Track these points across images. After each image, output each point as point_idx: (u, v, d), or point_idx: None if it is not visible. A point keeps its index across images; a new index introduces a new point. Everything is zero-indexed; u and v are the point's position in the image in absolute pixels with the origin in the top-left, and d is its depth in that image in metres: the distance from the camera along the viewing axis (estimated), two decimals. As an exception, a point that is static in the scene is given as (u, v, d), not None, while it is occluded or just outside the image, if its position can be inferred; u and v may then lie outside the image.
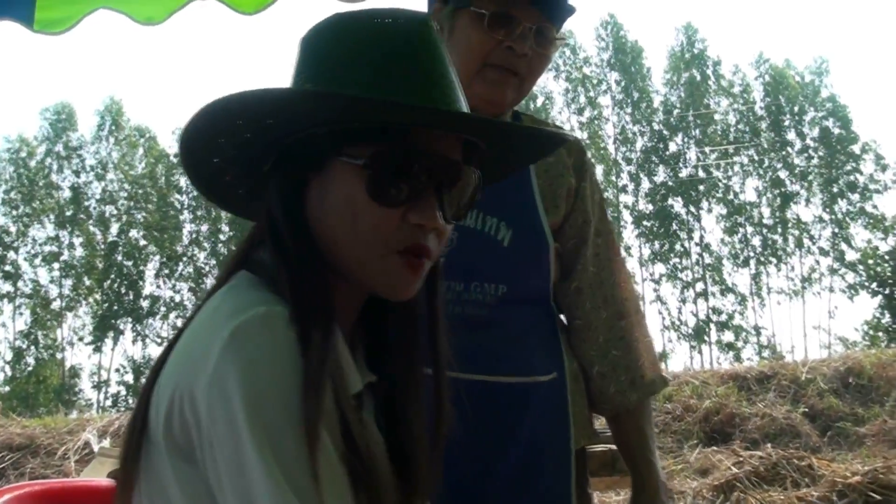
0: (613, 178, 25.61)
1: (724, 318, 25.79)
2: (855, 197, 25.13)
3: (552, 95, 25.63)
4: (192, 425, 0.80)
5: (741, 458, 4.88)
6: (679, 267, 26.04)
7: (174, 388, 0.83)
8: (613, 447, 1.99)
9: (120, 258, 25.49)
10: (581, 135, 25.17)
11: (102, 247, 25.73)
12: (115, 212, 26.00)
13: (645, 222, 25.81)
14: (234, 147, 0.92)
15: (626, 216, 25.72)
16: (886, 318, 19.77)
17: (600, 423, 1.88)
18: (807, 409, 7.12)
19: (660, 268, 25.63)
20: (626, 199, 25.77)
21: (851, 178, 25.23)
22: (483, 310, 1.62)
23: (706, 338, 25.49)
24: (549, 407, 1.72)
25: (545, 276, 1.73)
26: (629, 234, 25.65)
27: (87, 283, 25.53)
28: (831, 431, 6.79)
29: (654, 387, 1.83)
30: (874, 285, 20.44)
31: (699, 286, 25.86)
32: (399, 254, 0.90)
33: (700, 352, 25.30)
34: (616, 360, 1.79)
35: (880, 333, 19.92)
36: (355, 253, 0.90)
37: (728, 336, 25.52)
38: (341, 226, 0.89)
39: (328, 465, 0.80)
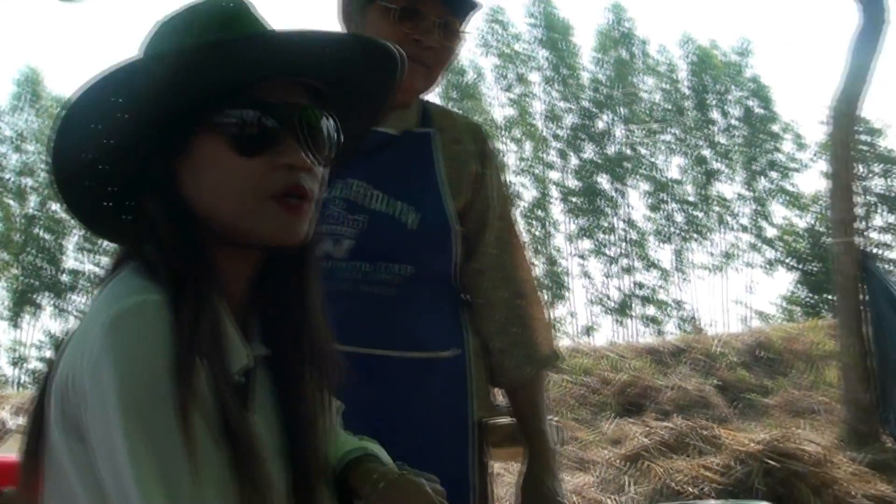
0: (542, 154, 25.83)
1: (647, 292, 26.26)
2: (775, 175, 25.76)
3: (482, 71, 25.68)
4: (80, 408, 0.86)
5: (651, 429, 5.08)
6: (605, 243, 26.40)
7: (66, 371, 0.89)
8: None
9: (39, 231, 24.86)
10: (510, 111, 25.26)
11: (20, 220, 25.07)
12: (33, 184, 25.32)
13: (572, 198, 26.09)
14: (101, 160, 0.98)
15: (554, 192, 25.98)
16: (802, 293, 20.45)
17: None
18: (718, 382, 7.40)
19: (586, 243, 25.96)
20: (554, 175, 26.01)
21: (772, 156, 25.85)
22: (390, 289, 1.71)
23: (630, 312, 25.94)
24: (450, 381, 1.82)
25: (449, 257, 1.83)
26: (557, 211, 25.92)
27: (5, 257, 24.88)
28: (740, 403, 7.07)
29: (548, 361, 1.96)
30: (791, 261, 21.12)
31: (624, 262, 26.28)
32: (276, 199, 0.97)
33: (624, 325, 25.76)
34: (514, 336, 1.90)
35: (796, 307, 20.58)
36: (235, 209, 0.97)
37: (651, 310, 26.01)
38: (217, 191, 0.96)
39: (201, 451, 0.85)
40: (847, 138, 5.69)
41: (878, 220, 18.83)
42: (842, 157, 5.59)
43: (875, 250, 16.95)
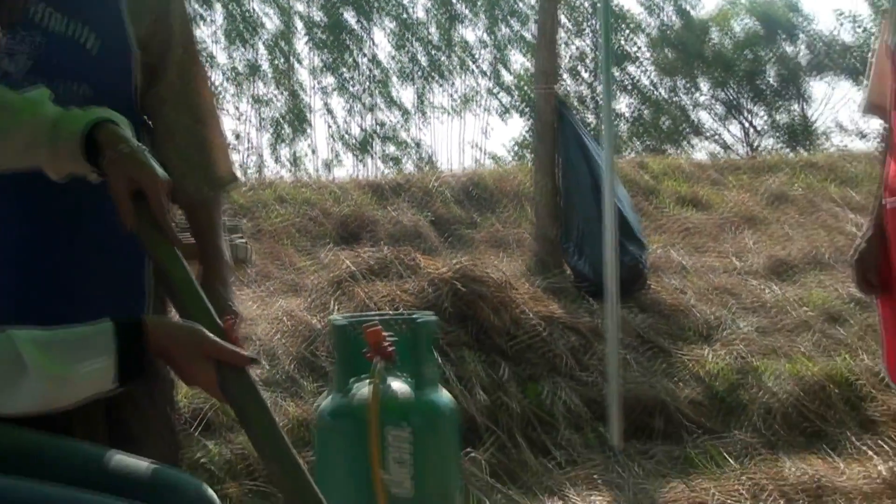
0: (287, -16, 25.00)
1: (388, 131, 26.69)
2: (515, 23, 26.55)
3: None
4: None
5: (359, 257, 5.47)
6: (348, 80, 26.34)
7: None
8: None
9: None
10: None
11: None
12: None
13: (317, 32, 25.65)
14: None
15: (299, 24, 25.41)
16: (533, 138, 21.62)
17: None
18: (432, 216, 7.94)
19: (330, 79, 25.80)
20: (300, 7, 25.36)
21: (513, 4, 26.55)
22: (67, 108, 1.80)
23: (371, 150, 26.32)
24: (128, 197, 1.98)
25: (129, 81, 1.95)
26: (301, 44, 25.42)
27: None
28: (450, 236, 7.66)
29: (226, 182, 2.16)
30: (525, 108, 22.24)
31: (367, 100, 26.44)
32: None
33: (364, 164, 26.16)
34: (193, 160, 2.07)
35: (526, 152, 21.85)
36: None
37: (391, 149, 26.53)
38: None
39: None
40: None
41: (584, 74, 20.03)
42: (548, 10, 6.01)
43: (574, 101, 18.21)
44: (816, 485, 3.52)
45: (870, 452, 3.88)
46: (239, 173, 2.23)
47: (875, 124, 8.79)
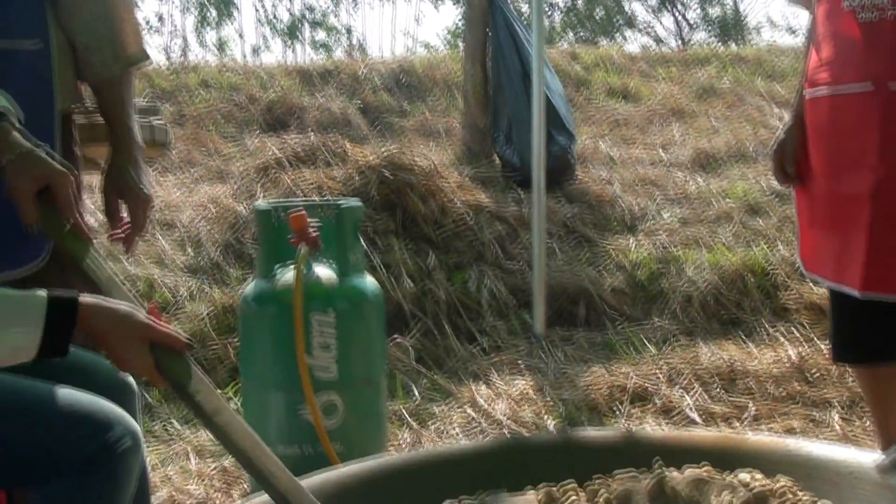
0: None
1: (318, 16, 25.96)
2: None
3: None
4: None
5: (286, 143, 5.37)
6: (276, -39, 25.40)
7: None
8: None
9: None
10: None
11: None
12: None
13: None
14: None
15: None
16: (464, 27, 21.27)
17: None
18: (361, 104, 7.82)
19: (256, -40, 24.84)
20: None
21: None
22: None
23: (299, 35, 25.62)
24: (33, 73, 1.89)
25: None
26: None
27: None
28: (379, 124, 7.56)
29: (135, 59, 2.07)
30: (456, -5, 21.82)
31: (295, -17, 25.58)
32: None
33: (294, 50, 25.52)
34: (101, 35, 1.98)
35: (458, 40, 21.53)
36: None
37: (321, 35, 25.87)
38: None
39: None
40: None
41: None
42: None
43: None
44: (730, 369, 3.65)
45: (782, 338, 4.03)
46: (150, 51, 2.13)
47: (804, 19, 8.81)
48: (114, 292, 1.49)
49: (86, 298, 1.39)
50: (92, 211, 3.82)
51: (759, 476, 1.38)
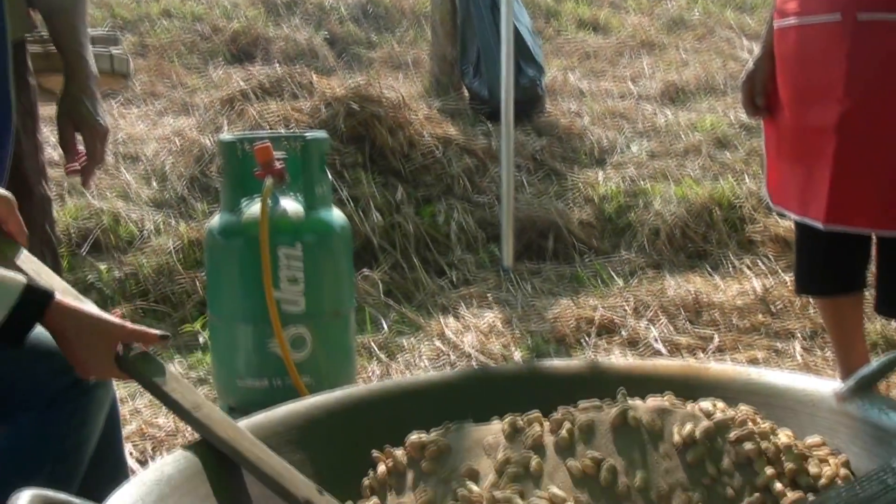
0: None
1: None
2: None
3: None
4: None
5: (251, 75, 5.28)
6: None
7: None
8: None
9: None
10: None
11: None
12: None
13: None
14: None
15: None
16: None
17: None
18: (327, 35, 7.68)
19: None
20: None
21: None
22: None
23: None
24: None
25: None
26: None
27: None
28: (346, 55, 7.45)
29: None
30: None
31: None
32: None
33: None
34: None
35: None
36: None
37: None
38: None
39: None
40: None
41: None
42: None
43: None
44: (695, 301, 3.70)
45: (747, 271, 4.08)
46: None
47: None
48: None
49: (62, 301, 1.35)
50: (53, 145, 3.76)
51: (720, 405, 1.40)
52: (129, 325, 1.39)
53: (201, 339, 3.45)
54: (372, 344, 3.46)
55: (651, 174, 5.08)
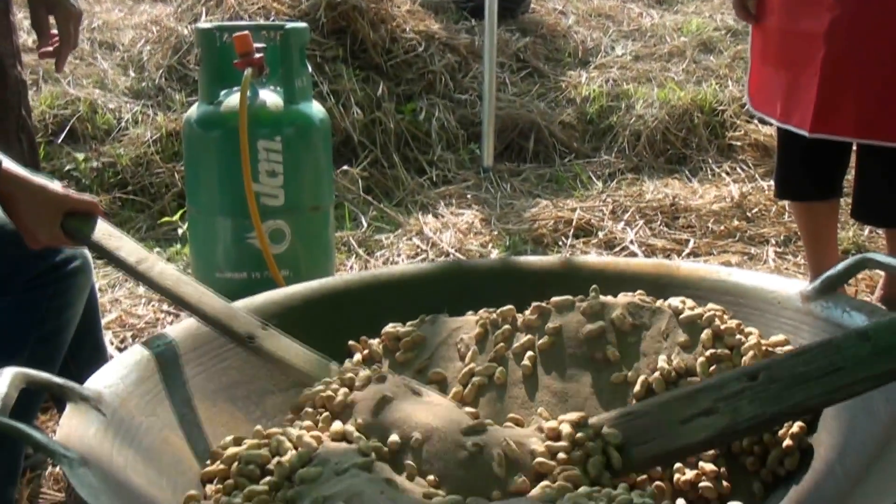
0: None
1: None
2: None
3: None
4: None
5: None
6: None
7: None
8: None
9: None
10: None
11: None
12: None
13: None
14: None
15: None
16: None
17: None
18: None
19: None
20: None
21: None
22: None
23: None
24: None
25: None
26: None
27: None
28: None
29: None
30: None
31: None
32: None
33: None
34: None
35: None
36: None
37: None
38: None
39: None
40: None
41: None
42: None
43: None
44: (672, 205, 3.72)
45: (725, 177, 4.10)
46: None
47: None
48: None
49: (9, 165, 1.36)
50: (27, 30, 3.67)
51: (690, 303, 1.43)
52: (73, 194, 1.42)
53: (180, 232, 3.45)
54: (351, 240, 3.48)
55: (634, 77, 5.04)
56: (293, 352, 1.39)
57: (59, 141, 4.00)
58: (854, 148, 2.56)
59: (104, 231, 1.42)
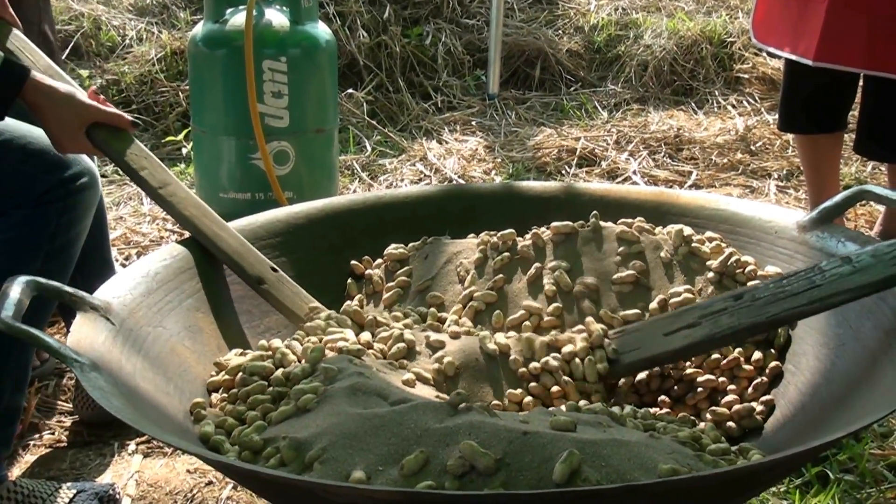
0: None
1: None
2: None
3: None
4: None
5: None
6: None
7: None
8: None
9: None
10: None
11: None
12: None
13: None
14: None
15: None
16: None
17: None
18: None
19: None
20: None
21: None
22: None
23: None
24: None
25: None
26: None
27: None
28: None
29: None
30: None
31: None
32: None
33: None
34: None
35: None
36: None
37: None
38: None
39: None
40: None
41: None
42: None
43: None
44: (677, 137, 3.72)
45: (731, 109, 4.09)
46: None
47: None
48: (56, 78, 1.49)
49: (37, 75, 1.40)
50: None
51: (688, 230, 1.45)
52: (102, 106, 1.44)
53: (184, 151, 3.46)
54: (354, 164, 3.48)
55: (644, 5, 4.98)
56: (298, 303, 1.41)
57: (64, 57, 3.98)
58: (860, 83, 2.55)
59: (132, 148, 1.45)
